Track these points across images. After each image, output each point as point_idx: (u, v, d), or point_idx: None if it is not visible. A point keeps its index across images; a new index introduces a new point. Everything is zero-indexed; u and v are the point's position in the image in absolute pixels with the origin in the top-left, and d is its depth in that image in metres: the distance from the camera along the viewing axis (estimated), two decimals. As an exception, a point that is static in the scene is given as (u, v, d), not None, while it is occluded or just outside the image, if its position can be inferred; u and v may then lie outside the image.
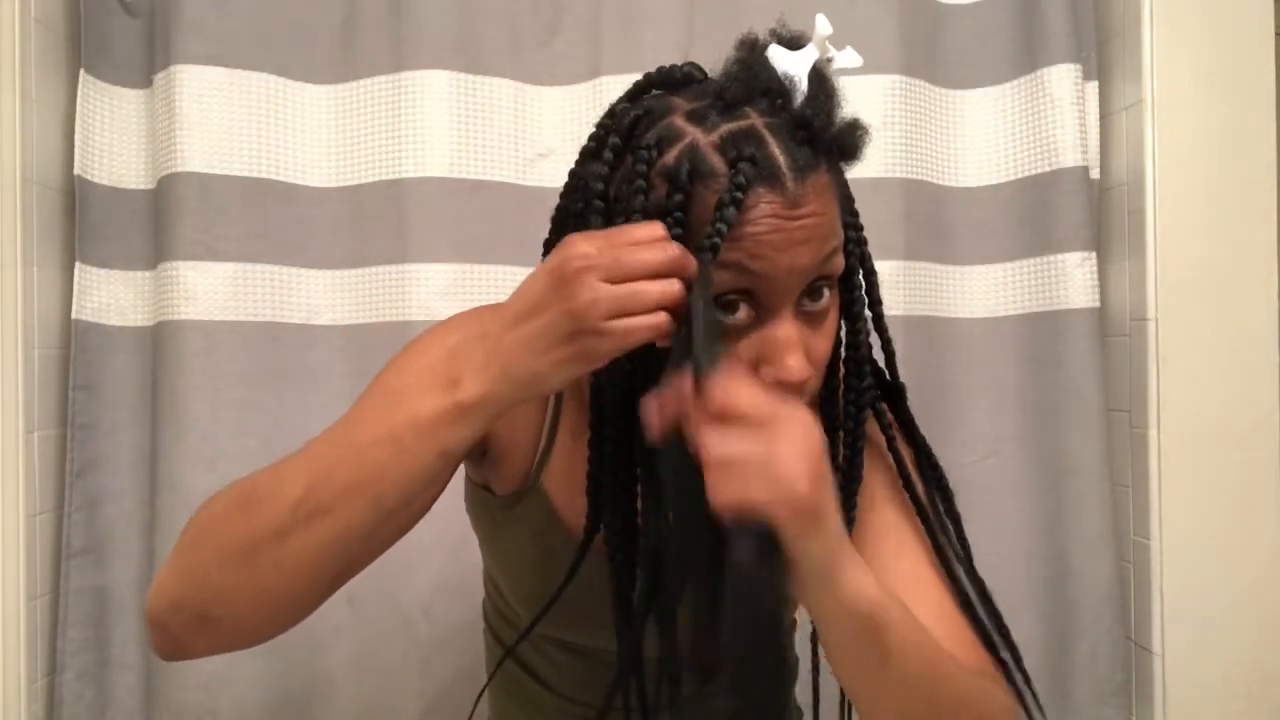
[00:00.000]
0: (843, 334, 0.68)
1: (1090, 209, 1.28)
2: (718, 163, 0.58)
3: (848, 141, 0.62)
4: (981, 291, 1.33)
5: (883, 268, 1.25)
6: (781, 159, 0.58)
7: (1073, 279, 1.27)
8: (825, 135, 0.60)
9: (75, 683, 1.21)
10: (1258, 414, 1.22)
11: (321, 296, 1.26)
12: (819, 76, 0.61)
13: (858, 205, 0.65)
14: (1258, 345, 1.22)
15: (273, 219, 1.24)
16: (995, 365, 1.32)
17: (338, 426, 0.61)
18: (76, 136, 1.23)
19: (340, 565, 0.60)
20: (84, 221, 1.23)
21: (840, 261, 0.63)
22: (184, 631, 0.60)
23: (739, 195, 0.56)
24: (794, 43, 0.62)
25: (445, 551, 1.20)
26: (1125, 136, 1.29)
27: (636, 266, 0.54)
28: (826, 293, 0.62)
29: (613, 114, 0.65)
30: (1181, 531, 1.22)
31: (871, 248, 0.66)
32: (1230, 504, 1.22)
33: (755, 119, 0.59)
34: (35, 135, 1.18)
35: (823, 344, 0.63)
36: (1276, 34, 1.23)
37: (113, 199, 1.25)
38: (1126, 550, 1.28)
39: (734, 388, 0.52)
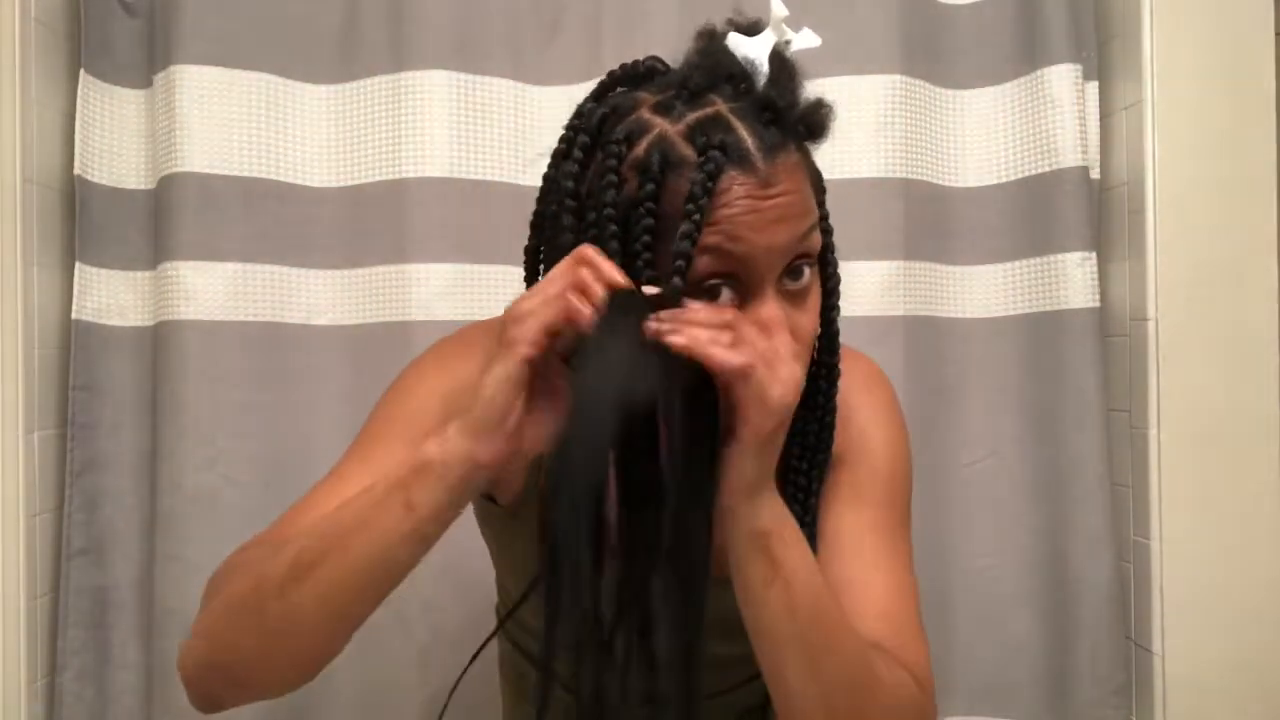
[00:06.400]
0: None
1: (1090, 209, 1.28)
2: (687, 151, 0.59)
3: (813, 120, 0.63)
4: (981, 291, 1.33)
5: (883, 268, 1.28)
6: (750, 141, 0.59)
7: (1073, 279, 1.27)
8: (790, 115, 0.61)
9: (75, 683, 1.21)
10: (1258, 414, 1.22)
11: (322, 296, 1.26)
12: (780, 58, 0.62)
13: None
14: (1258, 345, 1.22)
15: (273, 219, 1.24)
16: (995, 365, 1.32)
17: (329, 481, 0.65)
18: (76, 136, 1.22)
19: (343, 614, 0.61)
20: (84, 221, 1.23)
21: (818, 239, 0.64)
22: (214, 688, 0.65)
23: (710, 184, 0.57)
24: (751, 29, 0.62)
25: (445, 551, 1.18)
26: (1125, 136, 1.29)
27: (555, 277, 0.56)
28: (807, 271, 0.63)
29: (580, 114, 0.66)
30: (1181, 531, 1.22)
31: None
32: (1230, 504, 1.22)
33: (720, 105, 0.60)
34: (35, 135, 1.18)
35: (808, 321, 0.64)
36: (1276, 34, 1.23)
37: (113, 199, 1.25)
38: (1126, 550, 1.28)
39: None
